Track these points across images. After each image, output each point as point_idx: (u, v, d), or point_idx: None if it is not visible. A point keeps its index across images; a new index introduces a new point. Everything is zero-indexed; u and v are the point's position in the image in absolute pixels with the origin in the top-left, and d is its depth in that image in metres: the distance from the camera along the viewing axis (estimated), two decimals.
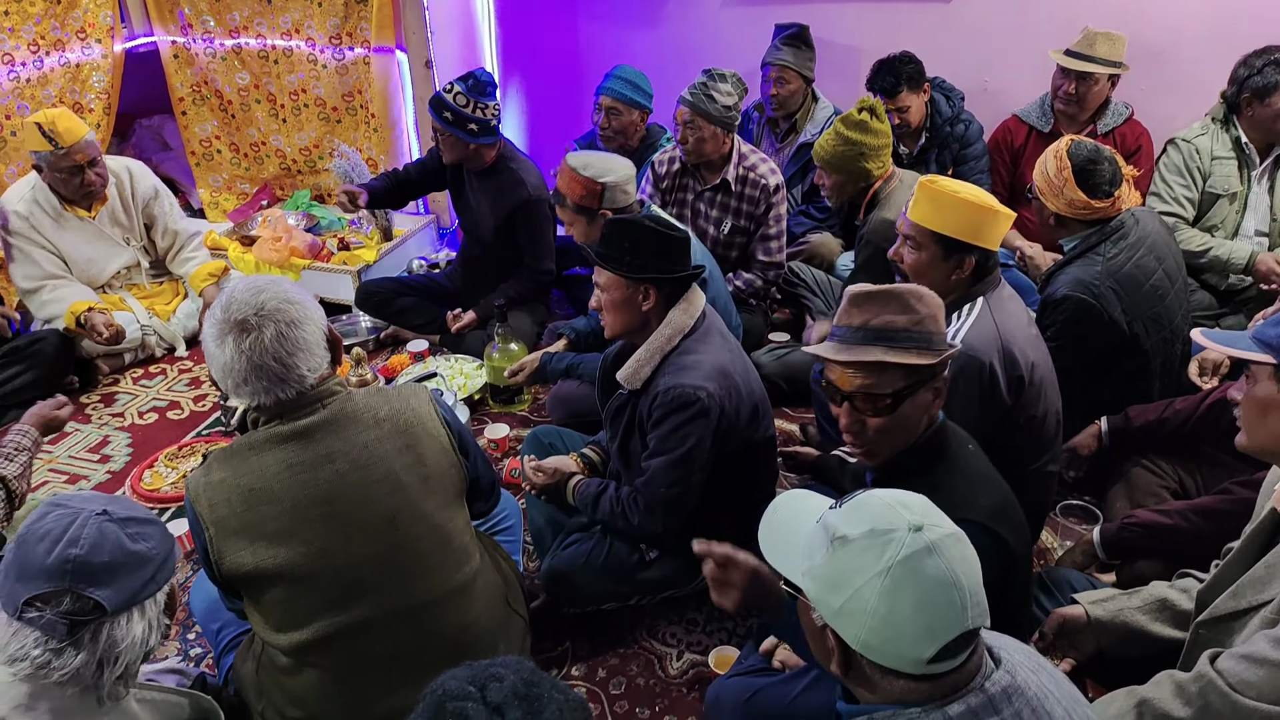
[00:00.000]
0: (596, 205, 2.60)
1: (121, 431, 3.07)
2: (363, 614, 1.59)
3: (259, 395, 1.53)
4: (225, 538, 1.53)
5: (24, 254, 3.21)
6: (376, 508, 1.58)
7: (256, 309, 1.50)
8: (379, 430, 1.61)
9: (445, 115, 3.12)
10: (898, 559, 1.05)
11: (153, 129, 4.59)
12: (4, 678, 1.15)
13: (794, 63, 3.62)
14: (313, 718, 1.65)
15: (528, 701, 0.87)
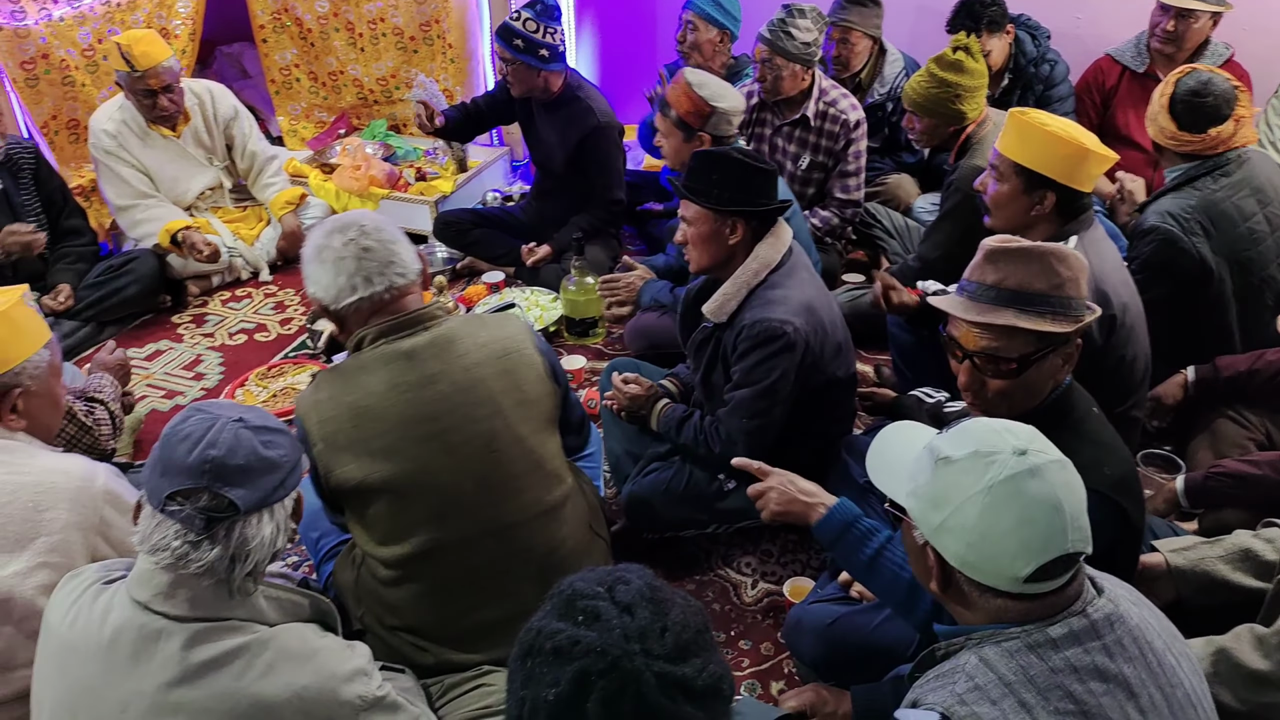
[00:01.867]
0: (699, 125, 2.57)
1: (213, 351, 3.18)
2: (459, 530, 1.66)
3: (369, 285, 1.62)
4: (333, 453, 1.61)
5: (114, 173, 3.31)
6: (476, 428, 1.65)
7: (352, 219, 1.66)
8: (479, 354, 1.67)
9: (516, 43, 3.11)
10: (1000, 479, 1.07)
11: (233, 56, 4.65)
12: (147, 565, 1.23)
13: (858, 22, 3.45)
14: (409, 627, 1.73)
15: (653, 604, 0.91)
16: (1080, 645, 1.07)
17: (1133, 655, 1.08)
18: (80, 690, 1.22)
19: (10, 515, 1.47)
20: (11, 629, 1.45)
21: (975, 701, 1.05)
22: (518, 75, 3.19)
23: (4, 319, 1.56)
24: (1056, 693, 1.04)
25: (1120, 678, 1.06)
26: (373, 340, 1.64)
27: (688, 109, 2.57)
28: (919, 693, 1.12)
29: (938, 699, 1.08)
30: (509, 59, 3.16)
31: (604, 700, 0.84)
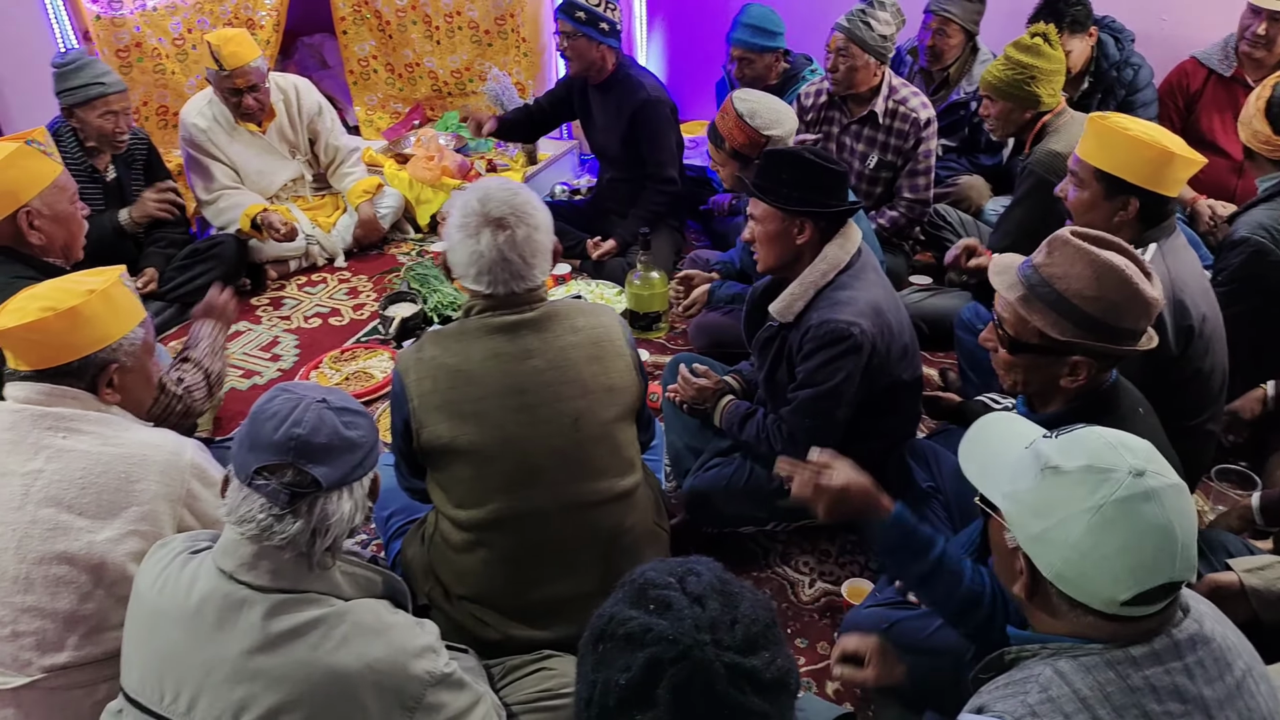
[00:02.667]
0: (755, 155, 2.54)
1: (289, 333, 3.29)
2: (535, 502, 1.71)
3: (496, 285, 1.68)
4: (427, 410, 1.68)
5: (201, 165, 3.43)
6: (563, 406, 1.70)
7: (513, 209, 1.66)
8: (575, 337, 1.73)
9: (578, 15, 3.18)
10: (1112, 498, 1.03)
11: (313, 47, 4.78)
12: (234, 536, 1.29)
13: (959, 15, 3.40)
14: (477, 594, 1.78)
15: (723, 596, 0.93)
16: (1161, 665, 1.04)
17: (1213, 677, 1.05)
18: (167, 653, 1.28)
19: (104, 485, 1.54)
20: (103, 593, 1.52)
21: (1047, 714, 1.03)
22: (577, 50, 3.26)
23: (103, 297, 1.64)
24: (1132, 712, 1.02)
25: (1199, 700, 1.03)
26: (479, 311, 1.72)
27: (741, 141, 2.58)
28: (986, 698, 1.10)
29: (1007, 707, 1.05)
30: (570, 32, 3.23)
31: (674, 687, 0.87)
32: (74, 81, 2.91)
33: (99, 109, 2.93)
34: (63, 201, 2.11)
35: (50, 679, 1.51)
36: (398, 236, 3.91)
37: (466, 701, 1.42)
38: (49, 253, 2.12)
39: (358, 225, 3.72)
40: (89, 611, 1.51)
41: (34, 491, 1.51)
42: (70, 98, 2.92)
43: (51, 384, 1.59)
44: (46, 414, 1.57)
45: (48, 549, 1.50)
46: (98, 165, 3.09)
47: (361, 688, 1.27)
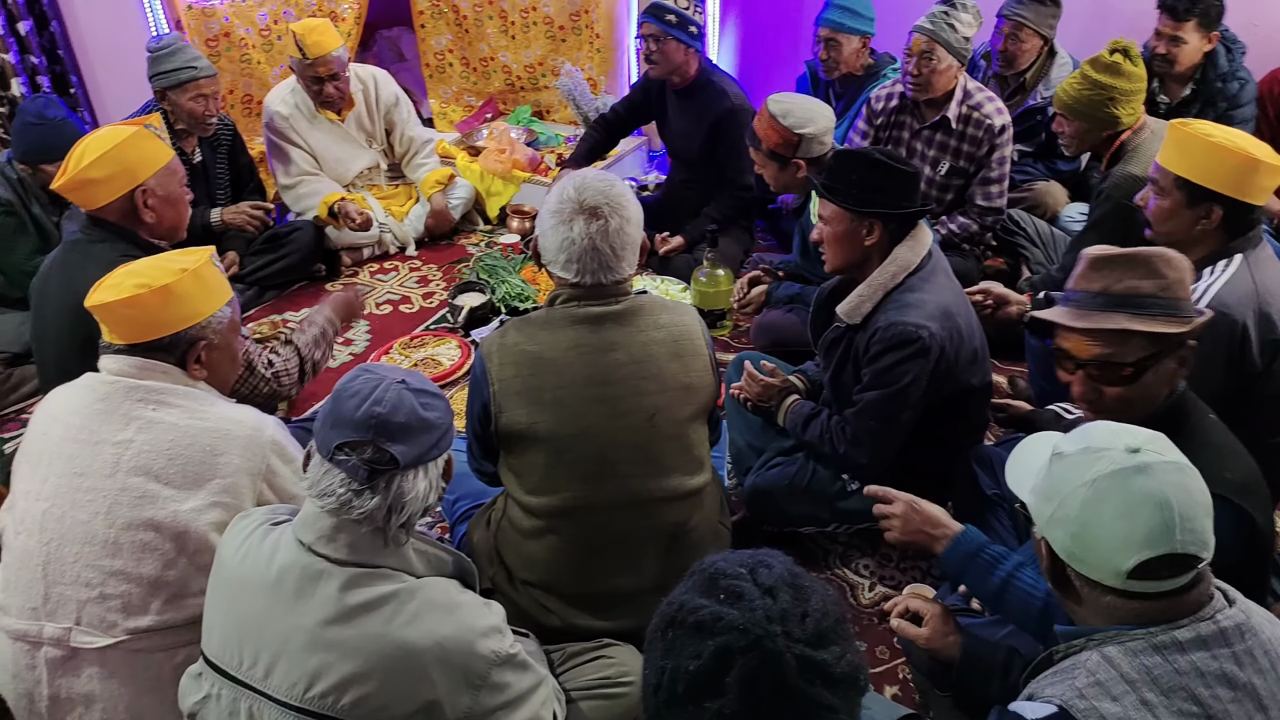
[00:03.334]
0: (791, 155, 2.58)
1: (361, 319, 3.36)
2: (607, 493, 1.73)
3: (584, 274, 1.69)
4: (507, 395, 1.71)
5: (282, 152, 3.54)
6: (641, 401, 1.72)
7: (608, 199, 1.68)
8: (658, 334, 1.75)
9: (669, 18, 3.18)
10: (1104, 472, 1.10)
11: (392, 40, 4.88)
12: (314, 509, 1.34)
13: (1033, 20, 3.31)
14: (541, 580, 1.81)
15: (794, 589, 0.94)
16: (1208, 650, 1.06)
17: (1264, 668, 1.06)
18: (247, 621, 1.33)
19: (189, 457, 1.60)
20: (186, 560, 1.58)
21: (1095, 696, 1.05)
22: (664, 54, 3.25)
23: (194, 277, 1.70)
24: (1180, 694, 1.03)
25: (1249, 687, 1.04)
26: (565, 301, 1.74)
27: (775, 141, 2.58)
28: (1035, 687, 1.13)
29: (1056, 692, 1.08)
30: (657, 34, 3.22)
31: (744, 676, 0.88)
32: (168, 65, 3.02)
33: (191, 92, 3.04)
34: (174, 183, 2.20)
35: (133, 641, 1.57)
36: (468, 227, 3.97)
37: (529, 683, 1.45)
38: (156, 232, 2.20)
39: (430, 215, 3.79)
40: (172, 577, 1.58)
41: (124, 460, 1.58)
42: (164, 81, 3.03)
43: (143, 358, 1.66)
44: (138, 386, 1.63)
45: (135, 515, 1.56)
46: (185, 148, 3.21)
47: (430, 663, 1.31)
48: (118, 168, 2.09)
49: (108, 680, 1.58)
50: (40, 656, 1.58)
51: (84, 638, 1.56)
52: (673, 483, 1.78)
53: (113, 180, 2.09)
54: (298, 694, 1.29)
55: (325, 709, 1.28)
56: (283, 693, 1.29)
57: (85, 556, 1.55)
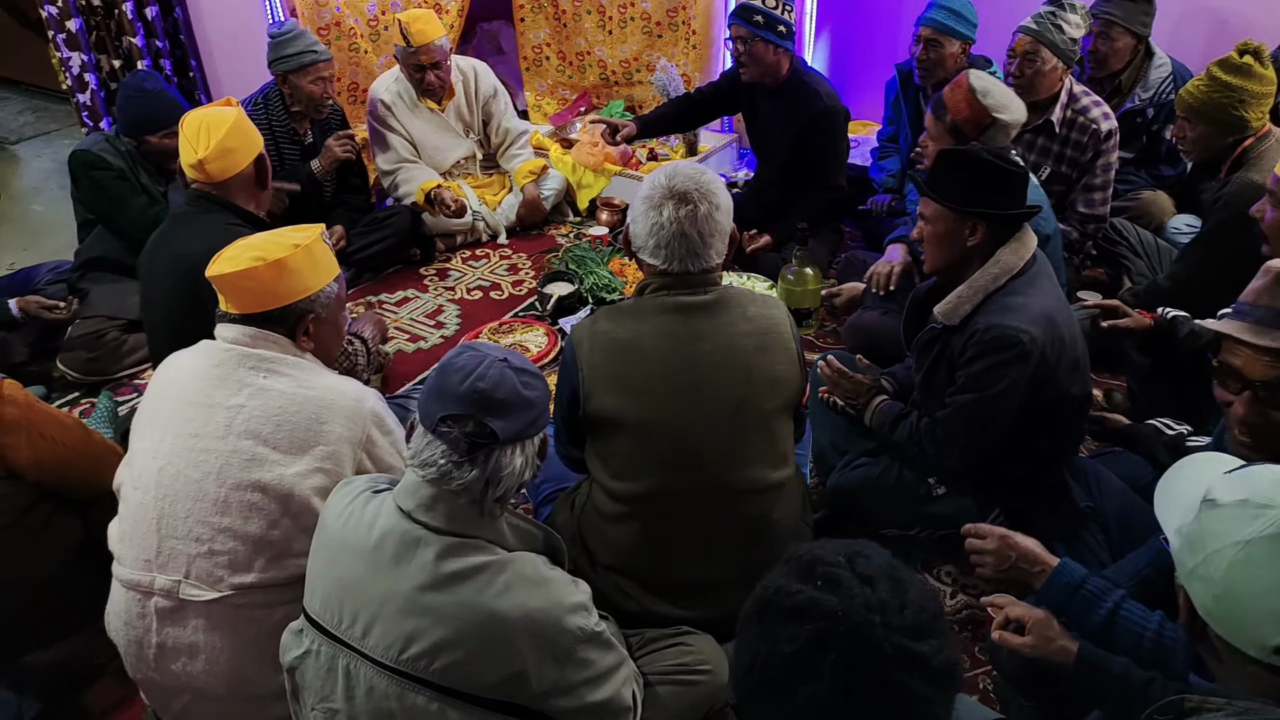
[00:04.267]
0: (974, 135, 2.43)
1: (452, 303, 3.45)
2: (689, 482, 1.75)
3: (672, 260, 1.71)
4: (596, 381, 1.74)
5: (384, 139, 3.65)
6: (727, 392, 1.73)
7: (697, 185, 1.70)
8: (745, 326, 1.75)
9: (756, 19, 3.14)
10: (1261, 534, 0.99)
11: (491, 33, 4.97)
12: (415, 478, 1.38)
13: (1122, 17, 3.19)
14: (622, 565, 1.83)
15: (893, 581, 0.93)
16: None
17: None
18: (348, 582, 1.39)
19: (296, 424, 1.67)
20: (289, 521, 1.65)
21: None
22: (753, 55, 3.22)
23: (306, 252, 1.77)
24: None
25: None
26: (655, 290, 1.76)
27: (966, 116, 2.42)
28: None
29: None
30: (746, 36, 3.19)
31: (840, 663, 0.88)
32: (290, 49, 3.15)
33: (310, 75, 3.17)
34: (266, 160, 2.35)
35: (237, 596, 1.65)
36: (558, 218, 4.03)
37: (612, 661, 1.48)
38: (261, 202, 2.34)
39: (522, 205, 3.86)
40: (275, 538, 1.64)
41: (236, 424, 1.66)
42: (285, 64, 3.17)
43: (256, 328, 1.73)
44: (250, 354, 1.70)
45: (244, 477, 1.63)
46: (299, 130, 3.35)
47: (518, 634, 1.34)
48: (244, 137, 2.22)
49: (211, 633, 1.66)
50: (150, 606, 1.67)
51: (192, 591, 1.64)
52: (755, 475, 1.78)
53: (243, 148, 2.22)
54: (393, 655, 1.33)
55: (418, 671, 1.33)
56: (379, 653, 1.34)
57: (196, 513, 1.63)
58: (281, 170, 3.30)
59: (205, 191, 2.24)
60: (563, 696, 1.40)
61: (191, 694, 1.71)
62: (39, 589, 1.83)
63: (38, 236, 3.22)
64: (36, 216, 3.78)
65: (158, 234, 2.34)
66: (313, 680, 1.41)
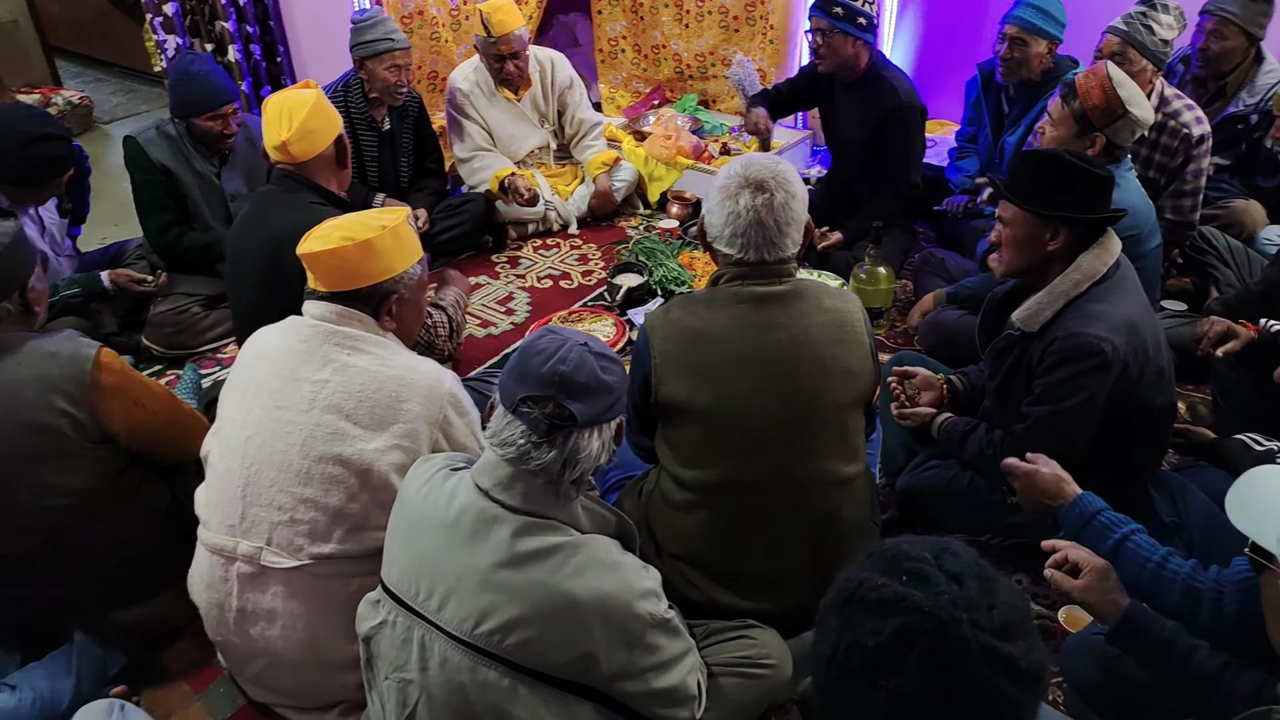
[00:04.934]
0: (1101, 124, 2.33)
1: (523, 290, 3.50)
2: (758, 472, 1.75)
3: (748, 250, 1.72)
4: (668, 369, 1.75)
5: (461, 127, 3.71)
6: (800, 384, 1.73)
7: (773, 174, 1.71)
8: (820, 318, 1.75)
9: (836, 11, 3.10)
10: None
11: (567, 25, 5.01)
12: (494, 457, 1.41)
13: (1240, 16, 3.07)
14: (688, 554, 1.84)
15: (981, 580, 0.92)
16: None
17: None
18: (425, 556, 1.42)
19: (377, 401, 1.71)
20: (368, 495, 1.69)
21: None
22: (831, 47, 3.18)
23: (393, 234, 1.81)
24: None
25: None
26: (729, 280, 1.77)
27: (1098, 103, 2.31)
28: None
29: None
30: (825, 28, 3.16)
31: (925, 659, 0.87)
32: (368, 36, 3.22)
33: (386, 62, 3.23)
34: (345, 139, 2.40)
35: (316, 565, 1.70)
36: (628, 210, 4.05)
37: (680, 649, 1.49)
38: (342, 181, 2.39)
39: (593, 196, 3.88)
40: (354, 510, 1.69)
41: (320, 398, 1.70)
42: (363, 50, 3.23)
43: (342, 306, 1.77)
44: (336, 331, 1.75)
45: (326, 450, 1.68)
46: (376, 116, 3.41)
47: (590, 616, 1.36)
48: (324, 119, 2.27)
49: (290, 600, 1.71)
50: (233, 571, 1.73)
51: (273, 558, 1.69)
52: (826, 468, 1.78)
53: (323, 129, 2.28)
54: (467, 629, 1.36)
55: (491, 646, 1.35)
56: (453, 626, 1.37)
57: (280, 482, 1.68)
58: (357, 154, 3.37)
59: (290, 172, 2.30)
60: (630, 680, 1.41)
61: (268, 659, 1.77)
62: (128, 549, 1.91)
63: (128, 212, 3.33)
64: (126, 193, 3.90)
65: (245, 212, 2.41)
66: (388, 650, 1.45)
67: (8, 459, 1.74)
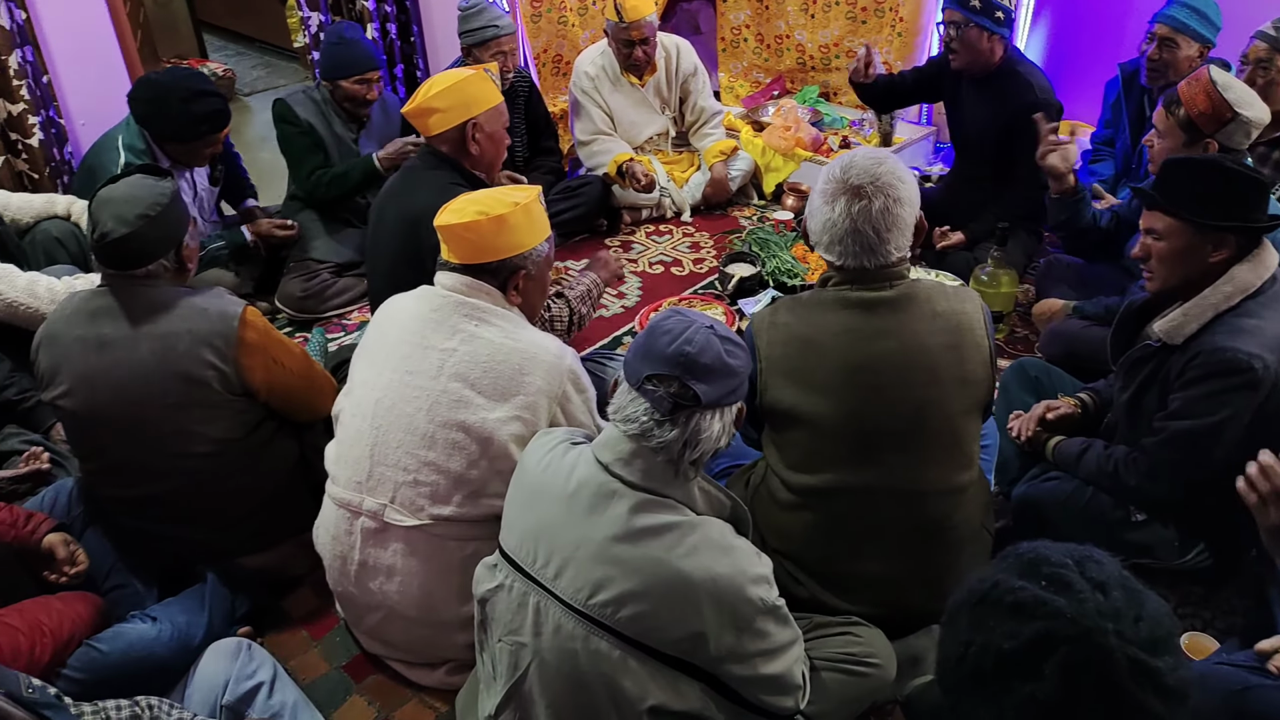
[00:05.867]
0: (1211, 130, 2.26)
1: (634, 275, 3.53)
2: (867, 481, 1.72)
3: (847, 257, 1.68)
4: (774, 374, 1.73)
5: (584, 110, 3.76)
6: (911, 393, 1.68)
7: (874, 179, 1.64)
8: (933, 324, 1.69)
9: (973, 4, 3.00)
10: None
11: (690, 13, 5.00)
12: (615, 433, 1.43)
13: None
14: (791, 554, 1.83)
15: (1127, 591, 0.89)
16: None
17: None
18: (544, 524, 1.45)
19: (500, 372, 1.76)
20: (487, 463, 1.74)
21: None
22: (965, 41, 3.09)
23: (524, 210, 1.85)
24: None
25: None
26: (836, 284, 1.73)
27: (1204, 109, 2.25)
28: None
29: None
30: (960, 21, 3.07)
31: (1066, 666, 0.85)
32: (474, 24, 3.31)
33: (492, 49, 3.31)
34: (498, 124, 2.40)
35: (434, 526, 1.76)
36: (742, 200, 4.03)
37: (788, 637, 1.48)
38: (478, 165, 2.42)
39: (709, 184, 3.88)
40: (473, 476, 1.74)
41: (447, 366, 1.76)
42: (469, 38, 3.32)
43: (472, 278, 1.82)
44: (465, 303, 1.80)
45: (451, 416, 1.74)
46: None
47: (701, 596, 1.37)
48: (456, 100, 2.31)
49: (408, 557, 1.78)
50: (357, 525, 1.80)
51: (395, 516, 1.76)
52: (936, 476, 1.74)
53: (450, 111, 2.31)
54: (581, 599, 1.39)
55: (604, 618, 1.38)
56: (568, 595, 1.40)
57: (406, 444, 1.75)
58: None
59: (436, 149, 2.36)
60: (737, 664, 1.42)
61: (384, 612, 1.84)
62: (259, 498, 2.02)
63: (262, 181, 3.51)
64: (263, 163, 4.11)
65: (390, 184, 2.49)
66: (503, 613, 1.49)
67: (160, 406, 1.86)
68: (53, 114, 3.24)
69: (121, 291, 1.87)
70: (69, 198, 2.84)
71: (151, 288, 1.88)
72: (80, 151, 3.34)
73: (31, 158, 3.17)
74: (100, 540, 1.97)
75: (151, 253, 1.86)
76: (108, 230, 1.81)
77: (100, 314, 1.87)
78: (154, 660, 1.76)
